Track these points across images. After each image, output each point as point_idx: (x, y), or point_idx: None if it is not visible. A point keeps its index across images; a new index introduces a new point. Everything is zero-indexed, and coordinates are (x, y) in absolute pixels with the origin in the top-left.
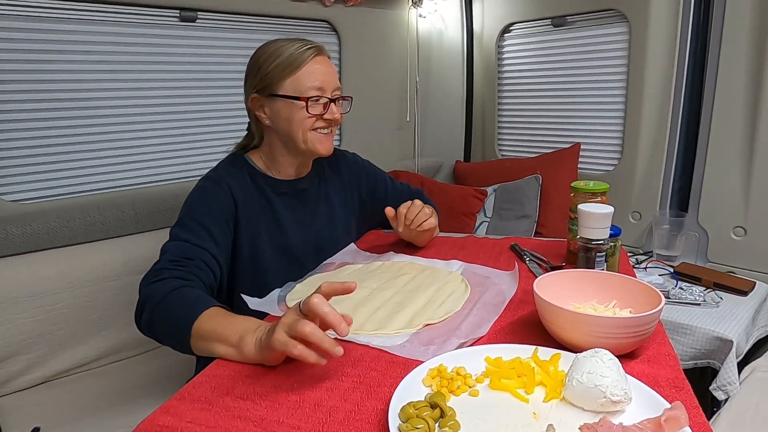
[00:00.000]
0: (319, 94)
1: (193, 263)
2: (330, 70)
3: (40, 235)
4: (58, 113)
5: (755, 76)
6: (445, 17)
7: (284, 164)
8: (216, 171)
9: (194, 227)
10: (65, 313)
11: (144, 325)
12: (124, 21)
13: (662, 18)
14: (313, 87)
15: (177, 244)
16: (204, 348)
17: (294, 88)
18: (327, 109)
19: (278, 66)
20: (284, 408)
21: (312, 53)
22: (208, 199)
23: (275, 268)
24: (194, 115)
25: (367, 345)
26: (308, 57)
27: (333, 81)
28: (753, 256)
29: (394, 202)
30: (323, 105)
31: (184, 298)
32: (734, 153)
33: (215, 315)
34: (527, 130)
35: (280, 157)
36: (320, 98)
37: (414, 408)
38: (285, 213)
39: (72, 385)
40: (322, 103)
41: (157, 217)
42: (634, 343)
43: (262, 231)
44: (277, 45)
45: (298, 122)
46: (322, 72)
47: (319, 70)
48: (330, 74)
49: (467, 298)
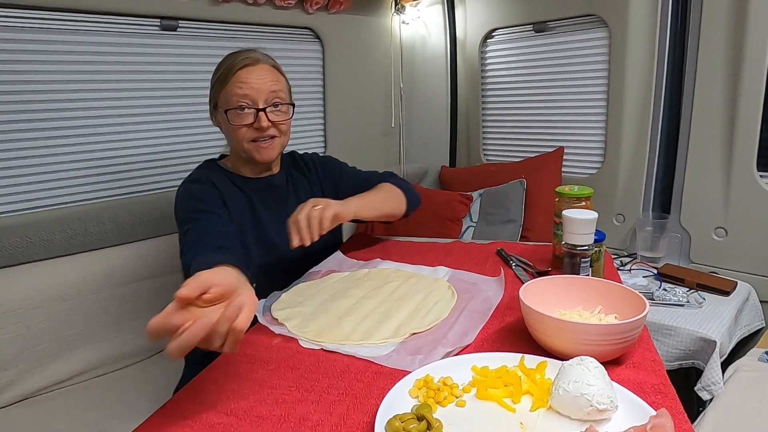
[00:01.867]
0: (246, 103)
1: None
2: (262, 79)
3: (18, 249)
4: (36, 124)
5: (732, 77)
6: (428, 24)
7: (247, 169)
8: (193, 174)
9: (200, 215)
10: (45, 329)
11: None
12: (103, 30)
13: (641, 23)
14: (239, 96)
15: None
16: None
17: (225, 100)
18: (256, 118)
19: (217, 80)
20: (269, 423)
21: (242, 63)
22: (199, 193)
23: (260, 261)
24: (175, 125)
25: (353, 356)
26: (237, 67)
27: (264, 88)
28: (734, 256)
29: (354, 183)
30: (252, 115)
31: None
32: (714, 155)
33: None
34: (511, 134)
35: (240, 165)
36: (247, 108)
37: (400, 421)
38: (262, 207)
39: (52, 402)
40: (251, 113)
41: (140, 228)
42: (620, 350)
43: (246, 225)
44: (225, 58)
45: (233, 133)
46: (250, 80)
47: (247, 80)
48: (261, 82)
49: (454, 305)
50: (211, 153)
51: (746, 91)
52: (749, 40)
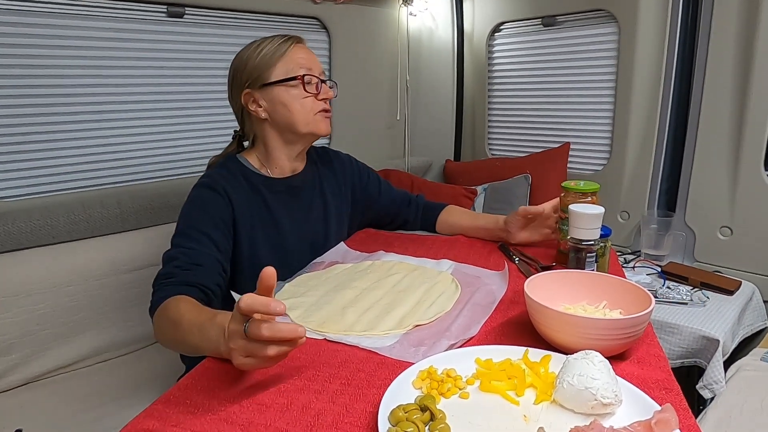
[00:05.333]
0: (310, 74)
1: (202, 269)
2: (313, 56)
3: (22, 233)
4: (42, 109)
5: (742, 76)
6: (436, 16)
7: (281, 159)
8: (210, 176)
9: (196, 235)
10: (48, 313)
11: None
12: (110, 16)
13: (651, 19)
14: (303, 67)
15: (182, 251)
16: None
17: (285, 70)
18: (320, 88)
19: (265, 56)
20: (271, 411)
21: (292, 41)
22: (206, 206)
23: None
24: (181, 112)
25: (356, 346)
26: (290, 45)
27: (318, 64)
28: (739, 255)
29: (387, 203)
30: (315, 85)
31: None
32: (721, 154)
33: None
34: (517, 129)
35: (277, 152)
36: (312, 78)
37: (404, 411)
38: (281, 211)
39: (55, 387)
40: (314, 83)
41: (143, 215)
42: (625, 345)
43: (259, 231)
44: (257, 43)
45: (298, 104)
46: (306, 56)
47: (303, 55)
48: (313, 59)
49: (457, 298)
50: (217, 141)
51: (755, 90)
52: (760, 37)
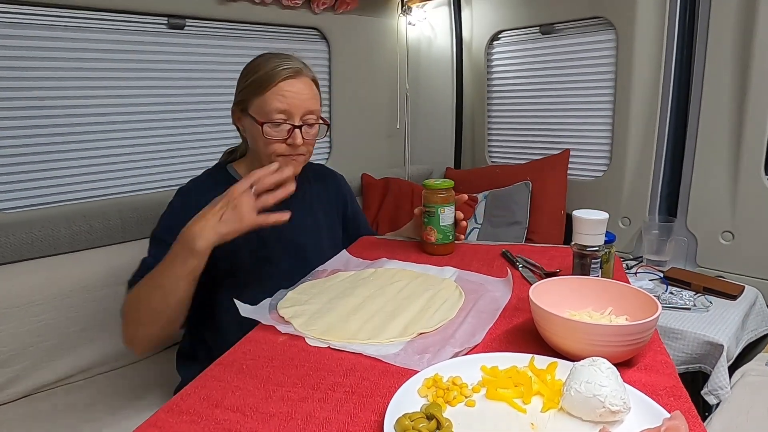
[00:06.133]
0: (283, 119)
1: None
2: (303, 94)
3: (23, 244)
4: (43, 120)
5: (741, 80)
6: (435, 25)
7: None
8: (188, 187)
9: (162, 245)
10: (49, 325)
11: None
12: (110, 28)
13: (649, 25)
14: (277, 110)
15: (153, 261)
16: (162, 288)
17: (259, 109)
18: (290, 134)
19: (252, 83)
20: (275, 420)
21: (285, 74)
22: (176, 218)
23: (255, 278)
24: (182, 123)
25: (361, 354)
26: (279, 78)
27: (303, 105)
28: (741, 260)
29: (357, 227)
30: (287, 130)
31: None
32: (721, 158)
33: None
34: (517, 136)
35: None
36: (282, 123)
37: (410, 420)
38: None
39: (56, 399)
40: (286, 128)
41: (145, 225)
42: (631, 351)
43: (240, 245)
44: (262, 59)
45: (262, 144)
46: (291, 95)
47: (289, 93)
48: (301, 98)
49: (461, 305)
50: (218, 151)
51: (754, 94)
52: (758, 43)
